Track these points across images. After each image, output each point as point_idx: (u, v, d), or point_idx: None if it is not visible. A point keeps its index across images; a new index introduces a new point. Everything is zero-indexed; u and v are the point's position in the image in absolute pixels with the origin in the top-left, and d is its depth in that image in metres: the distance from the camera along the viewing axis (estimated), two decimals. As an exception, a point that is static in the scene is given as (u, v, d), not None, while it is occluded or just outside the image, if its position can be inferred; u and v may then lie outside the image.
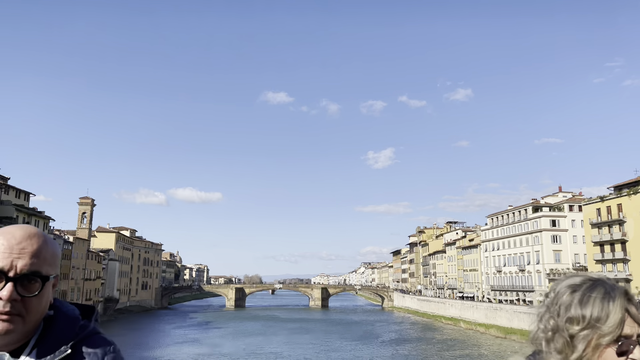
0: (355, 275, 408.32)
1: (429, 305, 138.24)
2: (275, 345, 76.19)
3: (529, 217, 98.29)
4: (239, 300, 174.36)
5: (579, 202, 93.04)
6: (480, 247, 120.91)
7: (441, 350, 70.96)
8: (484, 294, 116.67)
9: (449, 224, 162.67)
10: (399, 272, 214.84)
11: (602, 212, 78.25)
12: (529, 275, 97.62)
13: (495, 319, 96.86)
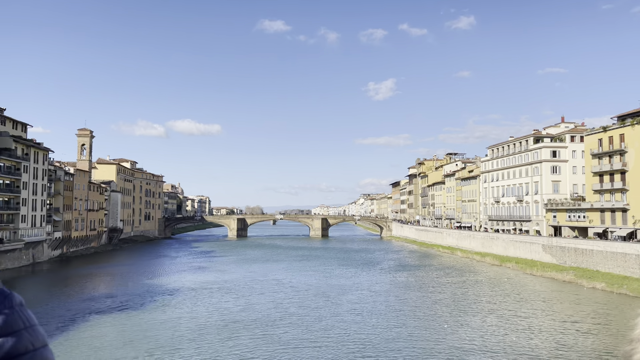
0: (355, 206, 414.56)
1: (426, 235, 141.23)
2: (277, 272, 78.39)
3: (530, 148, 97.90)
4: (241, 230, 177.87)
5: (581, 132, 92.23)
6: (479, 178, 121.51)
7: (438, 277, 73.14)
8: (482, 224, 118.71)
9: (448, 156, 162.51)
10: (397, 203, 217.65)
11: (604, 142, 77.72)
12: (526, 205, 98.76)
13: (492, 248, 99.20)
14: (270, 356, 32.98)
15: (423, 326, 41.64)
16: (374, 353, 33.73)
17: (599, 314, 46.18)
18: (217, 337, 38.04)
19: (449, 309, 49.09)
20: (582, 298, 54.30)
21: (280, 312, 47.26)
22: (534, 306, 50.41)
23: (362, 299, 54.70)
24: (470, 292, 59.54)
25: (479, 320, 43.66)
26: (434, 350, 34.42)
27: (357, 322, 43.12)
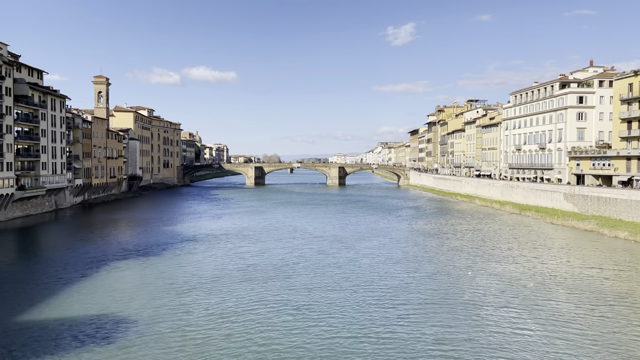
0: (372, 154, 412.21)
1: (444, 183, 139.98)
2: (294, 220, 78.77)
3: (555, 94, 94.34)
4: (259, 178, 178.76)
5: (611, 77, 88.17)
6: (500, 125, 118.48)
7: (456, 225, 72.67)
8: (501, 172, 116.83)
9: (469, 103, 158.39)
10: (416, 152, 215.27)
11: (635, 87, 74.17)
12: (549, 153, 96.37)
13: (511, 196, 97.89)
14: (285, 299, 33.24)
15: (442, 271, 41.47)
16: (393, 298, 33.73)
17: (619, 261, 45.40)
18: (234, 280, 38.45)
19: (469, 256, 48.76)
20: (604, 246, 53.43)
21: (297, 258, 47.52)
22: (553, 253, 49.79)
23: (380, 246, 54.67)
24: (489, 240, 59.05)
25: (500, 267, 43.30)
26: (453, 297, 34.27)
27: (374, 268, 43.13)
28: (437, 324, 28.82)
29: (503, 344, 25.81)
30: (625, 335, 27.11)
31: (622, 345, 25.66)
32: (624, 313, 30.90)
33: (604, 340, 26.36)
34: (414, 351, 24.95)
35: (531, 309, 31.61)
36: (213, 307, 32.09)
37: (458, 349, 25.15)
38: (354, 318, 29.92)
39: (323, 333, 27.51)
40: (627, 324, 28.79)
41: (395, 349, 25.25)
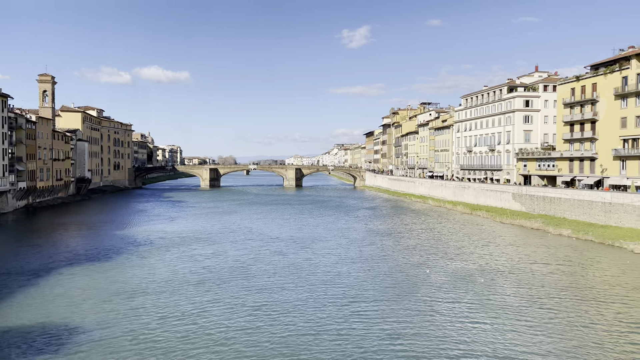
0: (329, 156, 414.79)
1: (399, 184, 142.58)
2: (251, 222, 78.10)
3: (504, 98, 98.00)
4: (214, 180, 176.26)
5: (554, 82, 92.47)
6: (452, 127, 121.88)
7: (410, 225, 74.13)
8: (454, 173, 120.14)
9: (422, 105, 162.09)
10: (371, 153, 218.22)
11: (577, 91, 78.11)
12: (498, 154, 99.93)
13: (463, 197, 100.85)
14: (242, 300, 32.88)
15: (398, 269, 42.14)
16: (350, 296, 34.00)
17: (562, 257, 47.59)
18: (189, 283, 37.70)
19: (424, 254, 49.80)
20: (549, 243, 55.86)
21: (253, 259, 47.15)
22: (502, 250, 51.64)
23: (336, 246, 55.02)
24: (442, 238, 60.56)
25: (452, 265, 44.44)
26: (409, 293, 34.91)
27: (331, 268, 43.36)
28: (392, 320, 29.27)
29: (456, 337, 26.51)
30: (568, 325, 28.43)
31: (566, 334, 26.89)
32: (567, 305, 32.41)
33: (549, 330, 27.53)
34: (370, 346, 25.25)
35: (482, 303, 32.64)
36: (166, 309, 31.35)
37: (412, 343, 25.64)
38: (311, 316, 29.98)
39: (281, 331, 27.41)
40: (569, 315, 30.19)
41: (352, 344, 25.48)
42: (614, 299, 33.89)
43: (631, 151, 65.88)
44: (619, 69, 68.76)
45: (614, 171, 69.48)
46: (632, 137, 66.09)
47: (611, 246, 52.56)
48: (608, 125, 70.82)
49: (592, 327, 28.13)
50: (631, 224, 57.51)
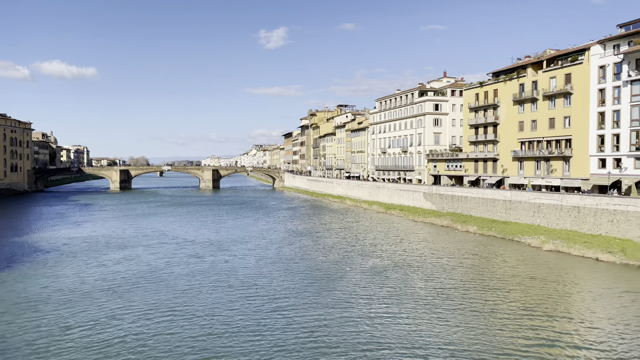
0: (247, 157, 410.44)
1: (317, 185, 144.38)
2: (165, 225, 75.32)
3: (415, 101, 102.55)
4: (125, 182, 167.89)
5: (461, 87, 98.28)
6: (368, 129, 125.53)
7: (328, 224, 75.34)
8: (369, 174, 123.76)
9: (339, 107, 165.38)
10: (290, 154, 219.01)
11: (480, 97, 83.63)
12: (410, 156, 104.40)
13: (378, 196, 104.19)
14: (157, 303, 31.61)
15: (316, 268, 42.61)
16: (268, 295, 33.85)
17: (468, 252, 50.76)
18: (98, 290, 35.59)
19: (341, 252, 50.77)
20: (456, 239, 59.30)
21: (168, 263, 45.53)
22: (414, 247, 54.04)
23: (255, 247, 54.58)
24: (359, 237, 62.12)
25: (369, 261, 45.71)
26: (327, 290, 35.42)
27: (249, 269, 42.92)
28: (311, 317, 29.55)
29: (371, 330, 27.31)
30: (473, 312, 30.35)
31: (471, 320, 28.69)
32: (472, 294, 34.60)
33: (456, 318, 29.22)
34: (288, 343, 25.32)
35: (396, 296, 33.92)
36: (72, 319, 29.36)
37: (329, 338, 26.06)
38: (228, 317, 29.48)
39: (197, 334, 26.68)
40: (474, 303, 32.25)
41: (269, 342, 25.40)
42: (512, 287, 36.70)
43: (528, 152, 71.64)
44: (517, 77, 74.52)
45: (513, 171, 75.17)
46: (529, 139, 71.91)
47: (511, 240, 56.84)
48: (508, 128, 76.49)
49: (494, 313, 30.26)
50: (528, 220, 62.54)
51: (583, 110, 62.21)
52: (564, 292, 35.50)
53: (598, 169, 60.33)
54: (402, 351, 24.58)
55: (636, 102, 54.96)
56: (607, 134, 58.97)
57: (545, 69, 68.99)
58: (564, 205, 57.14)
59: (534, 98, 70.41)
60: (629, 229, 48.77)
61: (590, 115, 61.14)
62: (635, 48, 54.00)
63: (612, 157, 58.41)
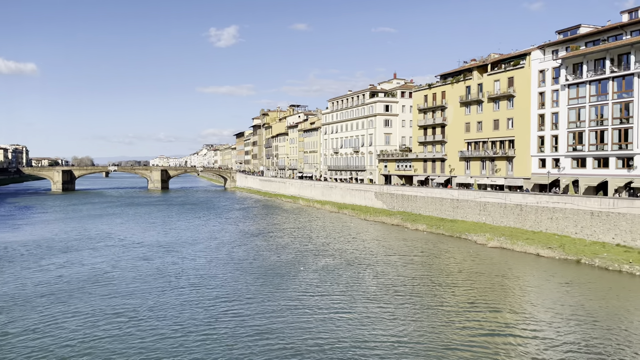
0: (197, 157, 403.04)
1: (270, 185, 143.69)
2: (111, 227, 72.81)
3: (366, 102, 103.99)
4: (68, 183, 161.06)
5: (410, 89, 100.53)
6: (320, 130, 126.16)
7: (281, 224, 75.12)
8: (322, 173, 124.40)
9: (292, 107, 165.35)
10: (242, 154, 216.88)
11: (429, 98, 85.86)
12: (362, 156, 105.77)
13: (331, 196, 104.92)
14: (103, 308, 30.49)
15: (269, 268, 42.37)
16: (219, 297, 33.36)
17: (417, 250, 52.00)
18: (40, 298, 33.90)
19: (294, 252, 50.73)
20: (406, 237, 60.57)
21: (115, 267, 44.02)
22: (366, 245, 54.77)
23: (206, 249, 53.68)
24: (311, 236, 62.29)
25: (321, 260, 45.89)
26: (280, 290, 35.30)
27: (200, 271, 42.16)
28: (263, 317, 29.35)
29: (323, 328, 27.43)
30: (421, 307, 31.10)
31: (419, 315, 29.41)
32: (421, 290, 35.47)
33: (405, 313, 29.86)
34: (239, 343, 25.04)
35: (348, 294, 34.26)
36: (8, 325, 27.81)
37: (282, 337, 25.97)
38: (178, 319, 28.82)
39: (145, 337, 25.92)
40: (422, 299, 33.07)
41: (220, 343, 25.02)
42: (459, 282, 37.90)
43: (474, 153, 74.16)
44: (463, 79, 77.02)
45: (460, 171, 77.61)
46: (475, 140, 74.46)
47: (459, 238, 58.64)
48: (455, 129, 78.89)
49: (441, 307, 31.14)
50: (474, 218, 64.75)
51: (525, 112, 65.06)
52: (506, 286, 37.01)
53: (539, 169, 63.27)
54: (352, 347, 24.85)
55: (573, 105, 58.05)
56: (547, 135, 61.94)
57: (490, 72, 71.67)
58: (508, 204, 59.54)
59: (480, 100, 72.97)
60: (567, 225, 51.43)
61: (532, 117, 64.04)
62: (572, 53, 57.04)
63: (551, 157, 61.41)
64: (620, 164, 53.20)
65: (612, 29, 54.79)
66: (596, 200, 49.11)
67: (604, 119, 54.44)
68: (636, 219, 44.50)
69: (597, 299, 33.05)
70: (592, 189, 55.88)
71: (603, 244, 46.17)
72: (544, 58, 62.59)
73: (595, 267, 42.07)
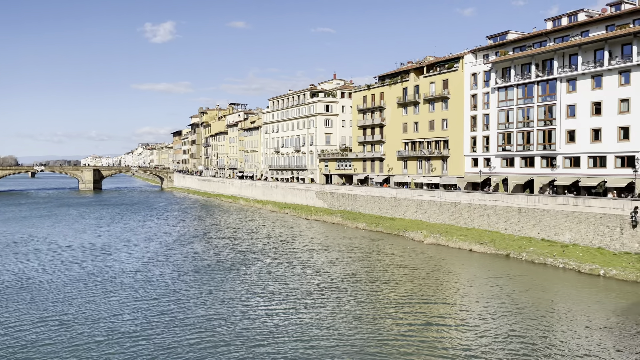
0: (132, 156, 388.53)
1: (209, 185, 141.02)
2: (37, 230, 68.75)
3: (307, 102, 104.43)
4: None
5: (350, 89, 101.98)
6: (261, 129, 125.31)
7: (220, 225, 73.93)
8: (263, 173, 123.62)
9: (231, 106, 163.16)
10: (179, 153, 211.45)
11: (368, 99, 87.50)
12: (303, 155, 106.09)
13: (272, 196, 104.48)
14: (29, 317, 28.74)
15: (206, 268, 41.59)
16: (156, 300, 32.37)
17: (356, 247, 52.93)
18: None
19: (233, 252, 50.09)
20: (347, 235, 61.46)
21: (41, 272, 41.61)
22: (307, 244, 55.03)
23: (142, 251, 51.91)
24: (252, 236, 61.75)
25: (263, 260, 45.60)
26: (217, 290, 34.76)
27: (136, 274, 40.70)
28: (202, 317, 28.77)
29: (263, 326, 27.32)
30: (360, 302, 31.72)
31: (358, 309, 29.98)
32: (360, 285, 36.17)
33: (344, 307, 30.31)
34: (177, 343, 24.42)
35: (289, 292, 34.29)
36: None
37: (220, 336, 25.61)
38: (110, 323, 27.68)
39: (77, 341, 24.70)
40: (361, 293, 33.74)
41: (156, 344, 24.30)
42: (396, 277, 38.97)
43: (411, 153, 76.36)
44: (401, 81, 79.11)
45: (398, 170, 79.66)
46: (411, 140, 76.69)
47: (397, 235, 60.21)
48: (393, 130, 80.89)
49: (379, 302, 31.91)
50: (412, 216, 66.71)
51: (458, 113, 67.79)
52: (441, 280, 38.46)
53: (471, 168, 66.14)
54: (292, 343, 24.95)
55: (502, 107, 61.14)
56: (479, 136, 64.88)
57: (426, 75, 74.07)
58: (443, 202, 61.82)
59: (416, 101, 75.23)
60: (497, 221, 54.15)
61: (465, 118, 66.83)
62: (501, 58, 60.08)
63: (483, 157, 64.37)
64: (545, 163, 56.67)
65: (537, 35, 58.24)
66: (523, 197, 52.04)
67: (530, 121, 57.77)
68: (559, 215, 47.59)
69: (523, 291, 35.06)
70: (520, 187, 59.14)
71: (530, 239, 49.00)
72: (475, 62, 65.48)
73: (522, 260, 44.58)
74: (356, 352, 24.04)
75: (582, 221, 45.33)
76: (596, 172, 50.86)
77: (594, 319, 28.68)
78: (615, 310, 30.45)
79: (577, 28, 54.02)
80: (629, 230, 41.42)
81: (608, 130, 49.77)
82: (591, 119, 51.36)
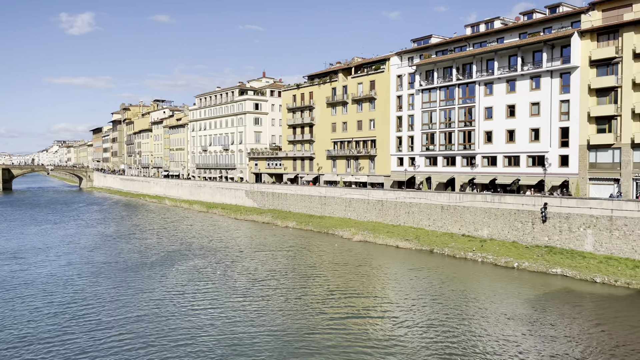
0: (47, 154, 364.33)
1: (132, 185, 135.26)
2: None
3: (236, 100, 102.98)
4: None
5: (279, 88, 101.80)
6: (187, 126, 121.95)
7: (144, 225, 71.16)
8: (190, 172, 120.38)
9: (156, 103, 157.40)
10: (100, 152, 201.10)
11: (297, 98, 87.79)
12: (232, 154, 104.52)
13: (199, 195, 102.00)
14: None
15: (131, 272, 39.88)
16: (71, 305, 30.58)
17: (286, 245, 53.05)
18: None
19: (157, 254, 48.41)
20: (276, 234, 61.36)
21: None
22: (236, 244, 54.36)
23: (58, 255, 48.83)
24: (177, 237, 59.99)
25: (192, 261, 44.41)
26: (141, 292, 33.45)
27: (50, 279, 38.23)
28: (124, 318, 27.60)
29: (190, 325, 26.68)
30: (288, 297, 31.82)
31: (285, 304, 30.09)
32: (288, 282, 36.33)
33: (272, 303, 30.31)
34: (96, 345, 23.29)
35: (217, 291, 33.72)
36: None
37: (143, 336, 24.75)
38: (24, 328, 25.83)
39: None
40: (289, 289, 33.88)
41: (73, 347, 23.01)
42: (325, 273, 39.51)
43: (340, 152, 77.56)
44: (330, 81, 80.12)
45: (327, 169, 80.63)
46: (340, 140, 77.91)
47: (326, 233, 60.93)
48: (322, 129, 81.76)
49: (308, 297, 32.27)
50: (341, 214, 67.77)
51: (385, 114, 69.75)
52: (367, 275, 39.46)
53: (397, 167, 68.30)
54: (217, 341, 24.61)
55: (426, 108, 63.68)
56: (404, 136, 67.14)
57: (354, 75, 75.52)
58: (370, 200, 63.37)
59: (345, 102, 76.52)
60: (422, 218, 56.35)
61: (391, 119, 68.88)
62: (425, 61, 62.56)
63: (408, 156, 66.68)
64: (465, 162, 59.71)
65: (458, 40, 61.23)
66: (445, 195, 54.55)
67: (452, 122, 60.63)
68: (477, 212, 50.36)
69: (443, 283, 36.80)
70: (442, 185, 61.90)
71: (452, 235, 51.45)
72: (401, 64, 67.69)
73: (445, 255, 46.71)
74: (284, 347, 24.17)
75: (499, 217, 48.28)
76: (511, 171, 54.34)
77: (509, 308, 30.66)
78: (528, 299, 32.73)
79: (494, 35, 57.41)
80: (540, 225, 44.66)
81: (521, 132, 53.34)
82: (506, 121, 54.78)
